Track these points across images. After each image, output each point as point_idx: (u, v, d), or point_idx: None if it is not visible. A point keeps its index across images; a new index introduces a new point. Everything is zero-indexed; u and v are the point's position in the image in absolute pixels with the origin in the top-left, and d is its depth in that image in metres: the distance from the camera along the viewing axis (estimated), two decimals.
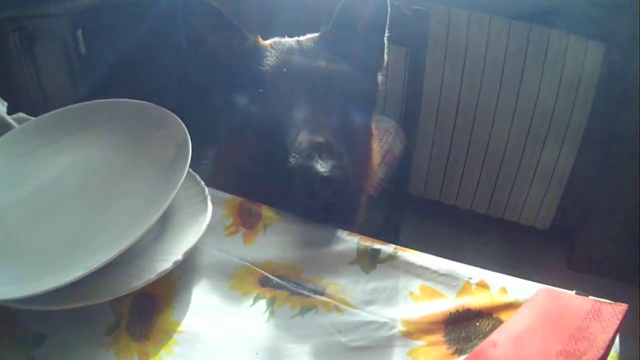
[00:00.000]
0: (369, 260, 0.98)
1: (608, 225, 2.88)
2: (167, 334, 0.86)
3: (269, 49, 1.27)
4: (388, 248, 0.98)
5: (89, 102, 1.20)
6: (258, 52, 1.26)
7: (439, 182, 3.31)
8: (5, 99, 1.27)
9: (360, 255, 0.98)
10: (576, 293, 0.87)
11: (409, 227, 3.08)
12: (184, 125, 1.04)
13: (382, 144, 2.42)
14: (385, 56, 1.35)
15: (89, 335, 0.86)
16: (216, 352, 0.85)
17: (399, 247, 0.99)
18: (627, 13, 2.41)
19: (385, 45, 1.33)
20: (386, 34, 1.31)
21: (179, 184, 0.92)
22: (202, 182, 1.07)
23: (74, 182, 1.08)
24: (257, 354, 0.84)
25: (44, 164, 1.11)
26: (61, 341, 0.84)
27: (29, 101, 3.02)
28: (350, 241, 1.00)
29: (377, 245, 0.99)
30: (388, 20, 1.29)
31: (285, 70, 1.21)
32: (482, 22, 2.76)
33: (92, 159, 1.11)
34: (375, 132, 1.36)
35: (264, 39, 1.31)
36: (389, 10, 1.27)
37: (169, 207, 0.91)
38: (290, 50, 1.27)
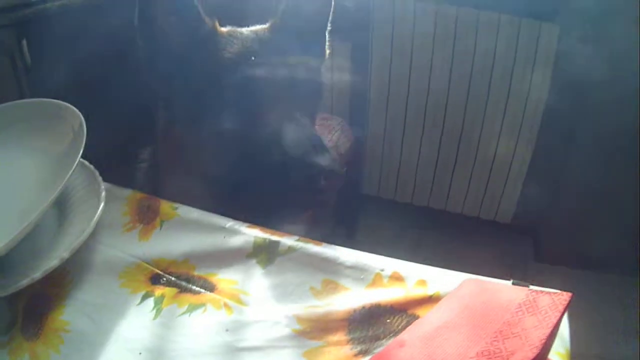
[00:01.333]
0: (267, 253, 0.92)
1: (572, 215, 2.84)
2: (56, 333, 0.85)
3: (227, 36, 1.27)
4: (288, 240, 0.93)
5: None
6: (216, 38, 1.26)
7: (393, 180, 3.25)
8: None
9: (257, 247, 0.93)
10: (513, 283, 0.81)
11: (364, 228, 3.04)
12: (79, 114, 1.03)
13: (327, 141, 2.34)
14: (328, 50, 1.39)
15: None
16: (99, 353, 0.82)
17: (301, 238, 0.93)
18: None
19: (327, 38, 1.37)
20: (328, 28, 1.36)
21: (69, 173, 0.90)
22: (100, 178, 1.05)
23: None
24: (140, 354, 0.81)
25: None
26: None
27: None
28: (248, 234, 0.95)
29: (276, 237, 0.93)
30: (331, 15, 1.34)
31: (253, 58, 1.21)
32: (427, 10, 2.70)
33: None
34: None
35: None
36: (332, 3, 1.32)
37: (66, 205, 0.97)
38: (249, 39, 1.28)
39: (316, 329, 0.80)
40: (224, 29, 1.27)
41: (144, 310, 0.86)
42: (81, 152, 0.92)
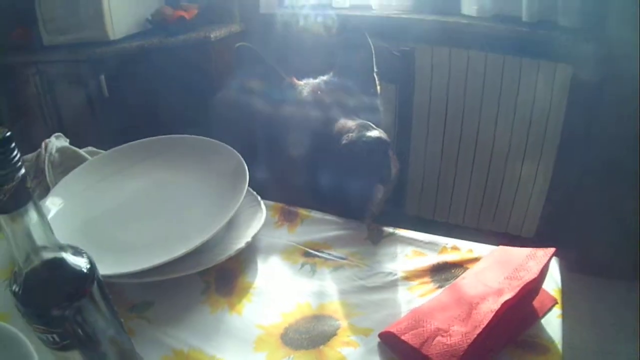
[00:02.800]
0: (376, 237, 1.36)
1: (591, 227, 3.15)
2: (246, 290, 1.21)
3: (301, 84, 1.69)
4: (388, 229, 1.38)
5: (151, 138, 1.54)
6: (295, 88, 1.68)
7: (432, 201, 3.61)
8: (24, 138, 1.51)
9: (370, 234, 1.37)
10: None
11: None
12: (235, 151, 1.41)
13: (393, 171, 2.76)
14: (378, 87, 1.80)
15: (187, 297, 1.18)
16: (279, 299, 1.19)
17: (397, 229, 1.38)
18: (591, 37, 2.73)
19: (376, 79, 1.78)
20: (375, 70, 1.77)
21: (244, 193, 1.28)
22: (254, 192, 1.42)
23: (150, 197, 1.42)
24: (308, 296, 1.19)
25: (121, 185, 1.44)
26: (166, 304, 1.16)
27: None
28: (361, 226, 1.40)
29: (381, 228, 1.38)
30: (374, 60, 1.75)
31: (319, 92, 1.63)
32: (460, 57, 3.09)
33: (162, 179, 1.45)
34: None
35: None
36: (373, 52, 1.74)
37: (239, 213, 1.31)
38: (317, 83, 1.70)
39: (413, 275, 1.23)
40: (299, 81, 1.70)
41: (304, 272, 1.26)
42: (247, 183, 1.31)
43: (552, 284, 1.18)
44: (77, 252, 0.79)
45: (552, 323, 1.09)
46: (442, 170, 3.46)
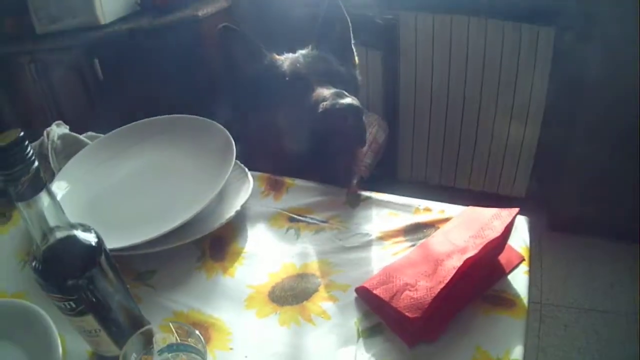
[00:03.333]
0: (354, 201, 1.45)
1: (579, 186, 3.22)
2: (237, 255, 1.32)
3: (282, 59, 1.76)
4: (366, 193, 1.46)
5: (145, 119, 1.63)
6: (275, 63, 1.75)
7: (423, 165, 3.68)
8: (24, 126, 1.56)
9: (349, 199, 1.46)
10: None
11: None
12: (224, 129, 1.49)
13: (367, 135, 2.83)
14: (356, 58, 1.86)
15: (185, 264, 1.30)
16: (268, 260, 1.30)
17: (374, 192, 1.46)
18: None
19: (354, 50, 1.84)
20: (352, 41, 1.82)
21: (231, 167, 1.38)
22: (242, 165, 1.50)
23: (147, 175, 1.51)
24: (292, 257, 1.30)
25: (120, 166, 1.54)
26: (166, 271, 1.28)
27: (47, 124, 3.43)
28: (341, 192, 1.49)
29: (359, 193, 1.47)
30: (351, 32, 1.81)
31: (298, 65, 1.70)
32: (444, 22, 3.14)
33: (157, 159, 1.54)
34: None
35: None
36: (350, 24, 1.80)
37: (228, 184, 1.40)
38: (297, 58, 1.76)
39: (387, 235, 1.31)
40: (279, 56, 1.77)
41: (289, 236, 1.36)
42: (234, 156, 1.40)
43: (520, 241, 1.28)
44: (86, 228, 0.91)
45: (519, 279, 1.19)
46: (431, 134, 3.52)
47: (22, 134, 0.75)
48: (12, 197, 0.79)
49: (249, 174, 1.49)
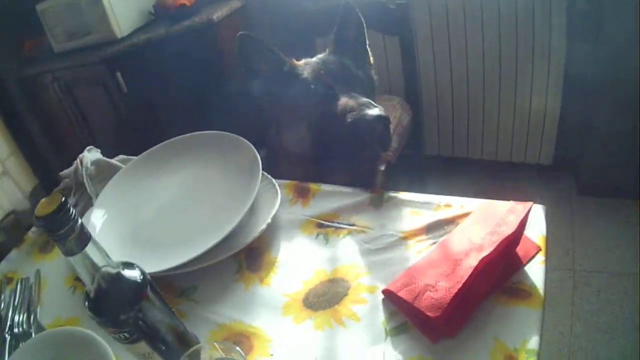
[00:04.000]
0: (378, 202, 1.49)
1: (607, 150, 3.26)
2: (272, 264, 1.39)
3: (302, 65, 1.81)
4: (389, 193, 1.50)
5: (171, 139, 1.69)
6: (295, 69, 1.79)
7: (449, 141, 3.78)
8: (56, 143, 1.57)
9: (373, 200, 1.51)
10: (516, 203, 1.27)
11: (433, 183, 3.48)
12: (251, 145, 1.55)
13: (391, 118, 2.88)
14: (371, 58, 1.91)
15: (224, 277, 1.38)
16: (301, 268, 1.37)
17: (396, 192, 1.50)
18: None
19: (369, 51, 1.90)
20: (367, 42, 1.86)
21: (258, 181, 1.44)
22: (270, 176, 1.55)
23: (180, 195, 1.59)
24: (323, 263, 1.36)
25: (152, 188, 1.61)
26: (207, 285, 1.36)
27: (77, 140, 3.49)
28: (365, 194, 1.53)
29: (382, 193, 1.51)
30: (366, 34, 1.86)
31: (321, 72, 1.74)
32: (456, 1, 3.21)
33: (188, 178, 1.61)
34: None
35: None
36: (365, 26, 1.83)
37: (258, 198, 1.47)
38: (315, 63, 1.81)
39: (410, 235, 1.36)
40: (298, 62, 1.82)
41: (318, 242, 1.42)
42: (260, 170, 1.46)
43: (537, 231, 1.29)
44: (129, 266, 0.99)
45: (535, 269, 1.21)
46: (455, 111, 3.61)
47: (63, 199, 0.82)
48: (62, 252, 0.87)
49: (277, 184, 1.54)
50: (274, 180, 1.55)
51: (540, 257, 1.23)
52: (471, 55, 3.31)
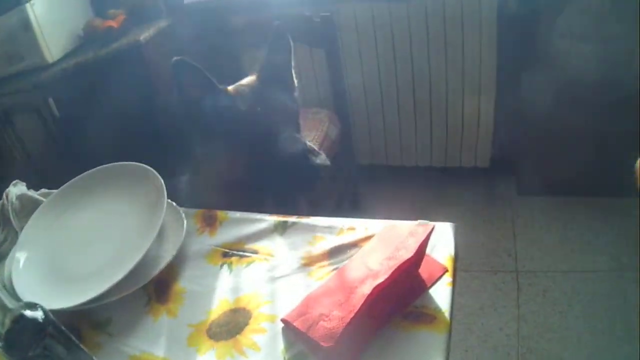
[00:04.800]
0: (282, 228, 1.48)
1: (545, 149, 3.27)
2: (179, 296, 1.37)
3: (232, 92, 1.79)
4: (292, 218, 1.49)
5: (85, 173, 1.68)
6: (225, 95, 1.77)
7: (382, 150, 3.70)
8: None
9: (276, 226, 1.50)
10: (419, 223, 1.28)
11: (368, 194, 3.50)
12: (157, 174, 1.55)
13: (318, 133, 2.89)
14: (296, 81, 1.91)
15: (135, 309, 1.35)
16: (205, 298, 1.35)
17: (300, 217, 1.49)
18: None
19: (294, 74, 1.89)
20: (293, 65, 1.86)
21: (162, 214, 1.43)
22: (176, 205, 1.56)
23: (94, 227, 1.58)
24: (226, 293, 1.35)
25: (69, 222, 1.60)
26: (121, 318, 1.33)
27: (18, 166, 3.38)
28: (270, 220, 1.51)
29: (285, 218, 1.49)
30: (293, 57, 1.86)
31: (251, 102, 1.75)
32: (382, 9, 3.18)
33: (100, 209, 1.61)
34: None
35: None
36: (292, 53, 1.83)
37: (164, 228, 1.48)
38: (245, 90, 1.81)
39: (312, 260, 1.35)
40: (229, 88, 1.80)
41: (223, 271, 1.40)
42: (165, 199, 1.45)
43: (445, 252, 1.29)
44: (32, 307, 1.03)
45: (442, 291, 1.20)
46: (386, 119, 3.54)
47: None
48: None
49: (183, 214, 1.53)
50: (180, 209, 1.55)
51: (447, 279, 1.22)
52: (400, 63, 3.29)
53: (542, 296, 2.96)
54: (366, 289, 1.10)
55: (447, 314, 1.14)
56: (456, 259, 1.28)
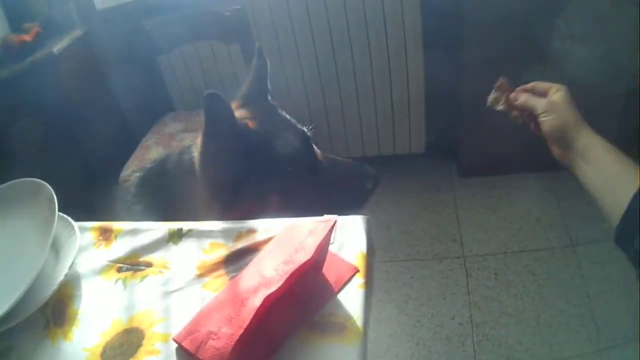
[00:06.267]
0: (177, 237, 1.37)
1: (483, 127, 3.06)
2: (74, 317, 1.24)
3: (257, 128, 1.64)
4: (187, 225, 1.38)
5: None
6: (246, 128, 1.61)
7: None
8: None
9: (171, 235, 1.38)
10: (324, 219, 1.17)
11: None
12: (49, 187, 1.43)
13: None
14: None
15: (35, 334, 1.23)
16: (99, 319, 1.23)
17: (196, 222, 1.38)
18: None
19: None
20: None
21: (52, 232, 1.32)
22: (72, 222, 1.44)
23: None
24: (120, 312, 1.23)
25: None
26: (22, 345, 1.22)
27: None
28: (163, 228, 1.39)
29: (179, 226, 1.38)
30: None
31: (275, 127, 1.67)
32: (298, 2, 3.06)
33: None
34: None
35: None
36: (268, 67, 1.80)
37: (56, 242, 1.38)
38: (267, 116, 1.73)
39: (207, 271, 1.24)
40: (251, 124, 1.65)
41: (117, 288, 1.28)
42: (56, 214, 1.34)
43: (355, 249, 1.18)
44: None
45: (352, 295, 1.09)
46: (312, 111, 3.44)
47: None
48: None
49: (76, 228, 1.43)
50: (74, 224, 1.43)
51: (358, 280, 1.11)
52: (321, 54, 3.19)
53: (493, 280, 2.89)
54: (257, 300, 0.98)
55: (359, 322, 1.03)
56: (370, 256, 1.17)
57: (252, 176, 1.57)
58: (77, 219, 1.46)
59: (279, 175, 1.60)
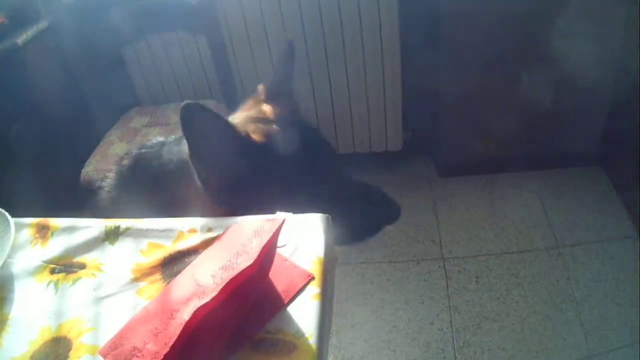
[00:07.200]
0: (114, 235, 1.25)
1: (461, 126, 3.12)
2: (4, 323, 1.15)
3: (264, 141, 1.44)
4: (126, 222, 1.26)
5: None
6: (253, 144, 1.40)
7: None
8: None
9: (108, 233, 1.26)
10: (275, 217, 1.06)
11: None
12: None
13: None
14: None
15: None
16: (27, 326, 1.13)
17: (136, 219, 1.26)
18: None
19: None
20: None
21: None
22: (9, 217, 1.34)
23: None
24: (49, 318, 1.13)
25: None
26: None
27: None
28: (100, 226, 1.28)
29: (118, 223, 1.26)
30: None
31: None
32: None
33: None
34: None
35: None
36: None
37: None
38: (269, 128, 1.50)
39: (143, 275, 1.13)
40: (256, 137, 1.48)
41: (48, 292, 1.18)
42: None
43: (311, 253, 1.06)
44: None
45: (305, 307, 0.98)
46: None
47: None
48: None
49: (12, 224, 1.32)
50: (10, 219, 1.33)
51: (314, 290, 1.00)
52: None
53: (474, 283, 2.79)
54: (187, 313, 0.85)
55: (312, 340, 0.92)
56: (328, 261, 1.05)
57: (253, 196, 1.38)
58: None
59: (286, 196, 1.37)
